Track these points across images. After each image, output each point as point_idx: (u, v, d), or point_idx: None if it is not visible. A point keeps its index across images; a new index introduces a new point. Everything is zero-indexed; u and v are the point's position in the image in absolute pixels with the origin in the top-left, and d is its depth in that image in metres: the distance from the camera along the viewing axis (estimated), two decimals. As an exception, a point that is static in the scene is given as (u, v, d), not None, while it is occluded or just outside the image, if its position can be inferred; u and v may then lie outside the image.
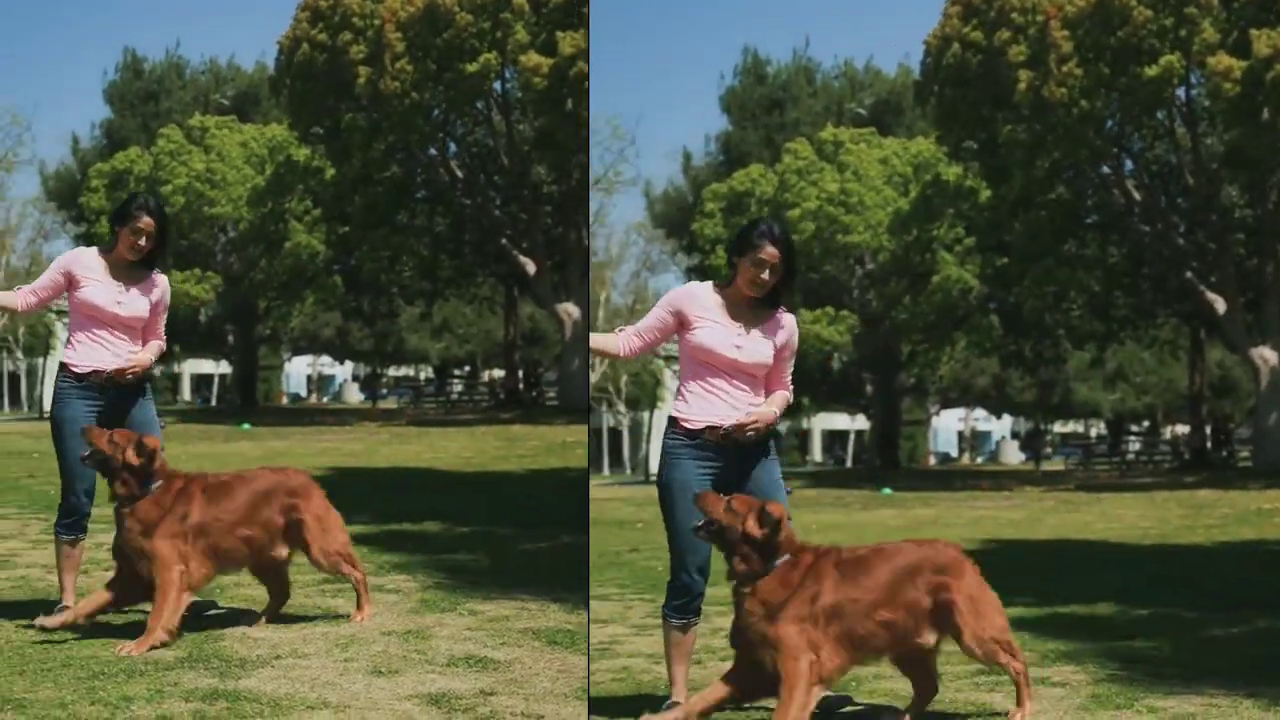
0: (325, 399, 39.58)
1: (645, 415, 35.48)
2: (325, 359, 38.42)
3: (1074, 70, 26.14)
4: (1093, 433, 44.03)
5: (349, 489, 15.06)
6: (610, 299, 34.53)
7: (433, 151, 29.61)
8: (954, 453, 45.40)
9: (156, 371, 6.99)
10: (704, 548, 6.04)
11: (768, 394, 6.23)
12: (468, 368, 38.18)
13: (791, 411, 41.55)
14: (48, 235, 29.99)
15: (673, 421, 6.18)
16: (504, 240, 29.94)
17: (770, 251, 6.06)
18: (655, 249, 35.98)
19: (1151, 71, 25.80)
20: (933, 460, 40.94)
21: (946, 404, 39.76)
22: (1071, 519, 19.62)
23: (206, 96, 31.90)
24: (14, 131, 28.65)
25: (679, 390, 6.24)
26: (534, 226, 29.86)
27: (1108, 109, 27.30)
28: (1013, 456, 43.61)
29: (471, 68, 27.43)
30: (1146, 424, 41.58)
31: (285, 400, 35.57)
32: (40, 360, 29.09)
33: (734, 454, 6.09)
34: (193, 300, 28.96)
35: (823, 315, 30.67)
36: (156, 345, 7.29)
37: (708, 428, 6.07)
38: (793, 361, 6.29)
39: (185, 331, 29.43)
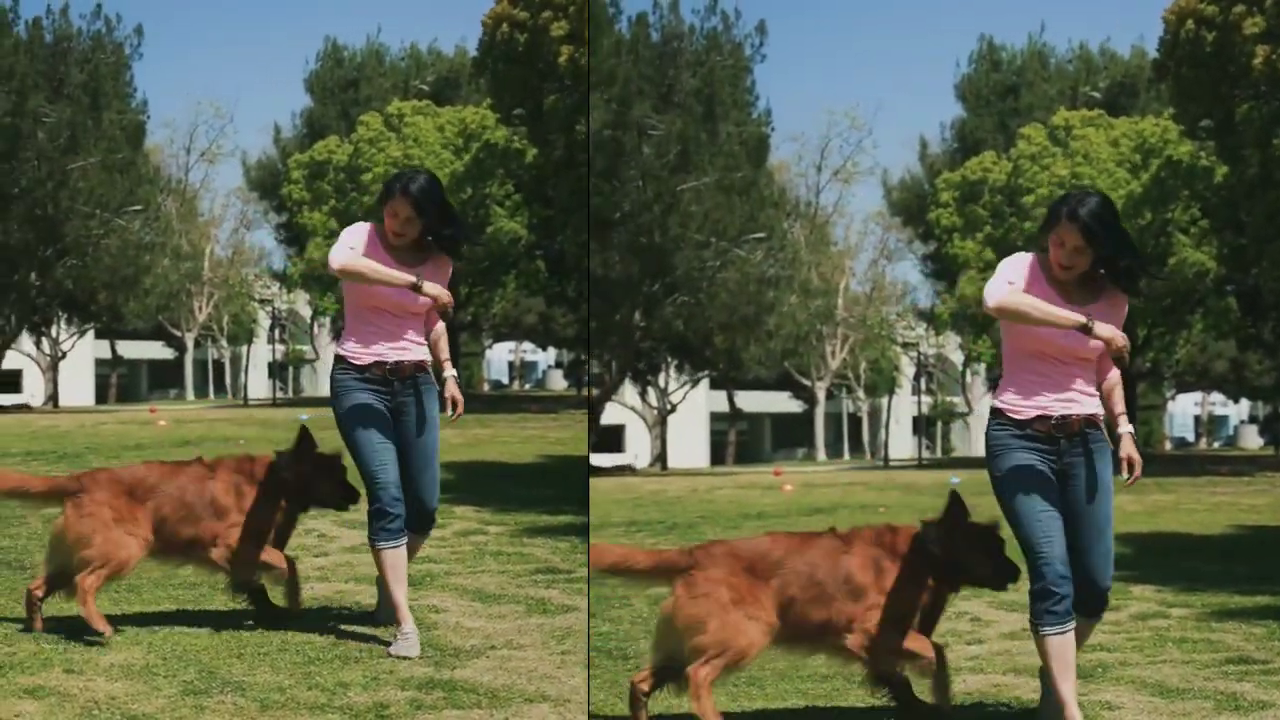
0: (527, 386, 39.95)
1: (884, 401, 35.70)
2: (527, 345, 38.66)
3: (1310, 41, 25.45)
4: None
5: (557, 480, 15.02)
6: (849, 287, 34.75)
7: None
8: (1190, 437, 44.90)
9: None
10: (1060, 534, 5.58)
11: (1101, 379, 5.77)
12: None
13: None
14: (250, 225, 30.55)
15: (996, 412, 5.76)
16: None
17: (1067, 231, 5.57)
18: (892, 237, 36.04)
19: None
20: (1169, 445, 40.63)
21: (1182, 388, 39.32)
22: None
23: (407, 82, 32.27)
24: (217, 124, 29.17)
25: (1003, 376, 5.85)
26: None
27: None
28: (1251, 441, 42.78)
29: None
30: (1388, 404, 40.30)
31: (486, 387, 35.95)
32: (244, 348, 29.65)
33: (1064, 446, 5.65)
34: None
35: (1056, 299, 30.42)
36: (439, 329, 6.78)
37: (1037, 418, 5.64)
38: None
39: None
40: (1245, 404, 45.51)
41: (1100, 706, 6.20)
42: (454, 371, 6.69)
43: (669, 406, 29.73)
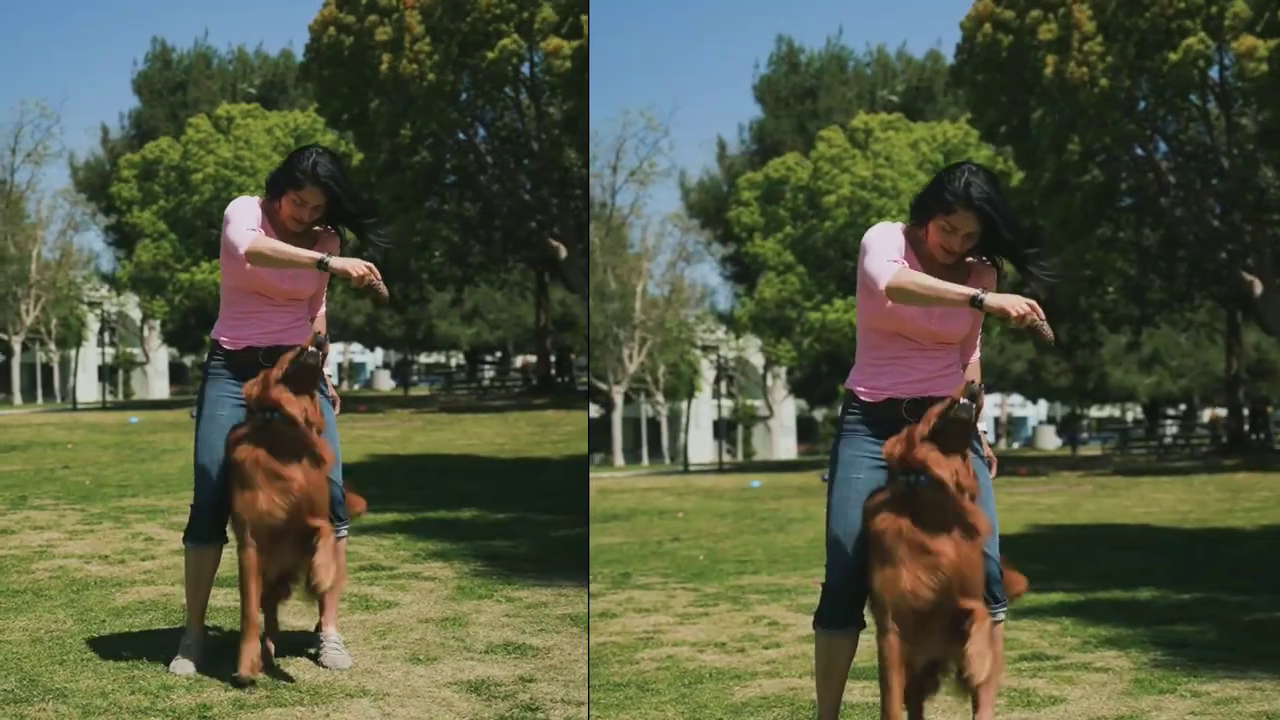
0: (356, 386, 39.69)
1: (683, 405, 35.61)
2: (356, 346, 38.51)
3: (1095, 49, 25.96)
4: (1129, 417, 43.97)
5: (383, 477, 15.11)
6: (647, 289, 34.62)
7: (461, 136, 29.60)
8: (990, 438, 45.58)
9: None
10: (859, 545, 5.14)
11: (964, 363, 5.33)
12: (499, 353, 38.21)
13: (827, 398, 41.11)
14: (78, 227, 30.08)
15: (849, 395, 5.31)
16: (534, 224, 29.91)
17: (962, 218, 5.06)
18: (691, 239, 36.07)
19: (1174, 56, 25.60)
20: (969, 446, 41.17)
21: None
22: (1110, 504, 19.54)
23: (234, 85, 31.98)
24: (44, 124, 28.78)
25: (858, 359, 5.33)
26: (564, 210, 29.81)
27: (1138, 90, 27.14)
28: (1049, 442, 43.57)
29: (492, 54, 27.42)
30: (1183, 407, 41.42)
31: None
32: (73, 352, 29.16)
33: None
34: (216, 287, 29.09)
35: (855, 303, 30.73)
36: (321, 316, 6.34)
37: (888, 401, 5.21)
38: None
39: (214, 321, 29.52)
40: (1044, 405, 46.36)
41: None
42: (328, 370, 6.25)
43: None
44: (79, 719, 5.36)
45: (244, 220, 5.90)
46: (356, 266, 5.72)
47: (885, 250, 5.06)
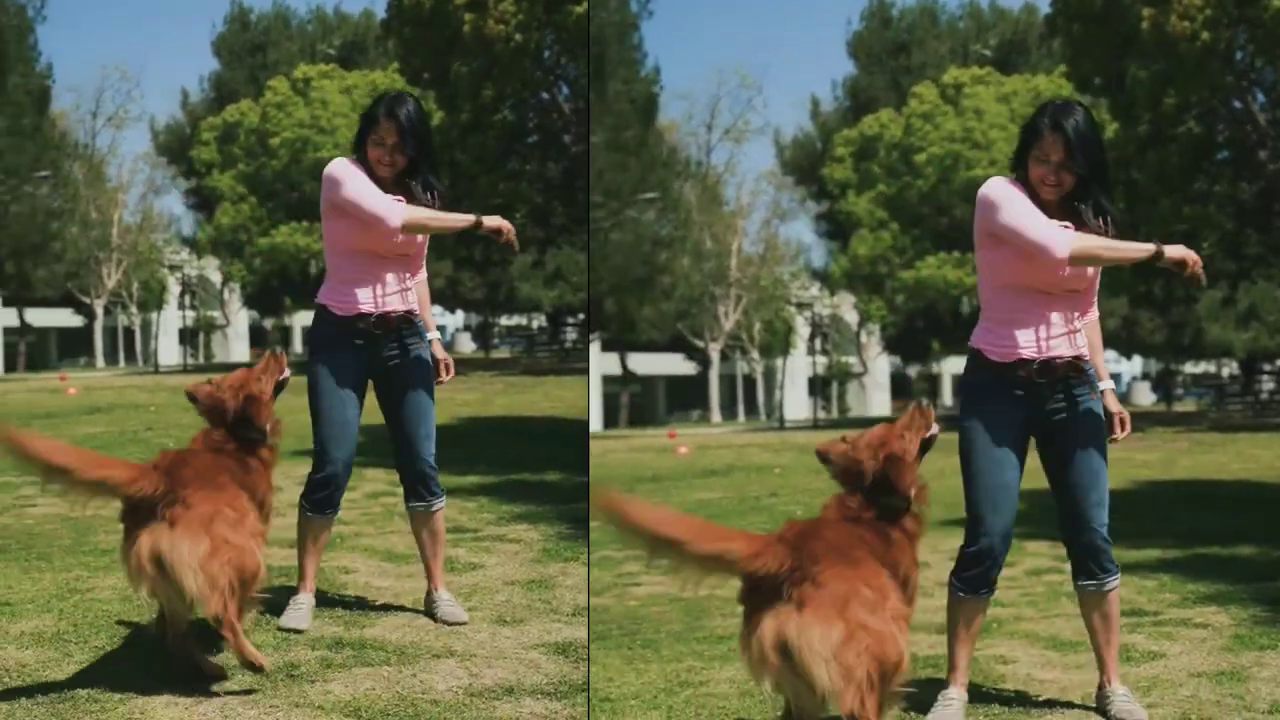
0: (441, 349, 39.88)
1: (778, 362, 35.58)
2: (436, 308, 38.65)
3: (1196, 2, 25.59)
4: (1225, 373, 43.47)
5: (466, 439, 15.09)
6: (742, 248, 34.62)
7: (545, 95, 29.54)
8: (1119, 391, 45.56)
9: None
10: (1008, 506, 5.20)
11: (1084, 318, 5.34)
12: (581, 315, 38.23)
13: (921, 354, 41.22)
14: (159, 190, 30.27)
15: (974, 355, 5.28)
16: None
17: (1052, 145, 5.10)
18: (785, 197, 35.91)
19: (1277, 3, 25.15)
20: (1063, 402, 41.17)
21: (1076, 345, 39.86)
22: (1206, 460, 19.32)
23: (313, 46, 32.04)
24: (124, 88, 28.87)
25: (984, 317, 5.29)
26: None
27: (1235, 42, 26.68)
28: (1144, 398, 43.29)
29: (579, 9, 27.31)
30: (1280, 363, 40.92)
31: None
32: (154, 315, 29.40)
33: (1047, 393, 5.22)
34: (303, 251, 29.19)
35: (949, 258, 30.51)
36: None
37: (1020, 361, 5.20)
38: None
39: (295, 283, 29.64)
40: (1138, 361, 46.13)
41: (994, 660, 6.34)
42: (437, 333, 6.30)
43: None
44: (168, 676, 5.37)
45: (366, 188, 5.86)
46: (503, 222, 5.93)
47: (1027, 211, 5.06)
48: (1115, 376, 47.67)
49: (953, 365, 44.53)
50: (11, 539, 8.06)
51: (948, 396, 45.53)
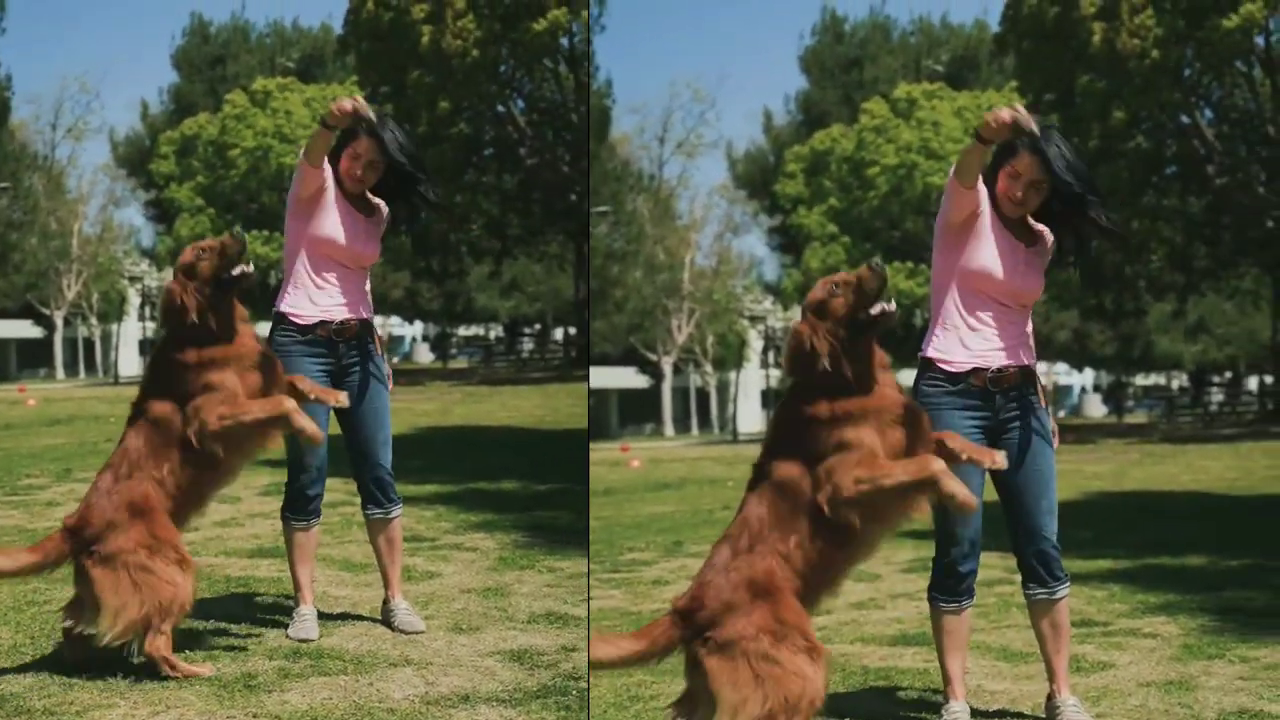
0: (395, 359, 39.85)
1: (732, 375, 35.60)
2: (394, 319, 38.50)
3: (1146, 22, 25.79)
4: (1175, 385, 43.75)
5: (424, 449, 15.10)
6: (695, 261, 34.60)
7: (500, 109, 29.55)
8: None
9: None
10: (975, 515, 5.17)
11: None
12: (538, 326, 38.21)
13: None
14: (119, 202, 30.15)
15: (927, 364, 5.33)
16: (573, 196, 29.84)
17: (1024, 162, 5.18)
18: (738, 210, 35.93)
19: (1230, 23, 25.34)
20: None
21: (1027, 358, 39.97)
22: (1157, 471, 19.44)
23: (272, 59, 31.97)
24: (83, 100, 28.75)
25: (934, 325, 5.34)
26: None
27: (1184, 59, 26.89)
28: (1095, 410, 43.45)
29: (539, 26, 27.31)
30: (1229, 375, 41.14)
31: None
32: (114, 326, 29.27)
33: (1000, 402, 5.25)
34: (262, 261, 29.14)
35: (902, 268, 30.65)
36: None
37: (973, 370, 5.25)
38: None
39: (254, 294, 29.61)
40: (1089, 373, 46.25)
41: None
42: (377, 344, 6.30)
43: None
44: (125, 688, 5.36)
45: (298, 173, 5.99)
46: (343, 101, 5.74)
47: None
48: (1066, 389, 47.98)
49: (906, 378, 44.77)
50: (-33, 550, 8.03)
51: (900, 408, 45.74)
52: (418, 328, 40.31)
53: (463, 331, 38.42)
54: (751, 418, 37.65)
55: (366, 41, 28.27)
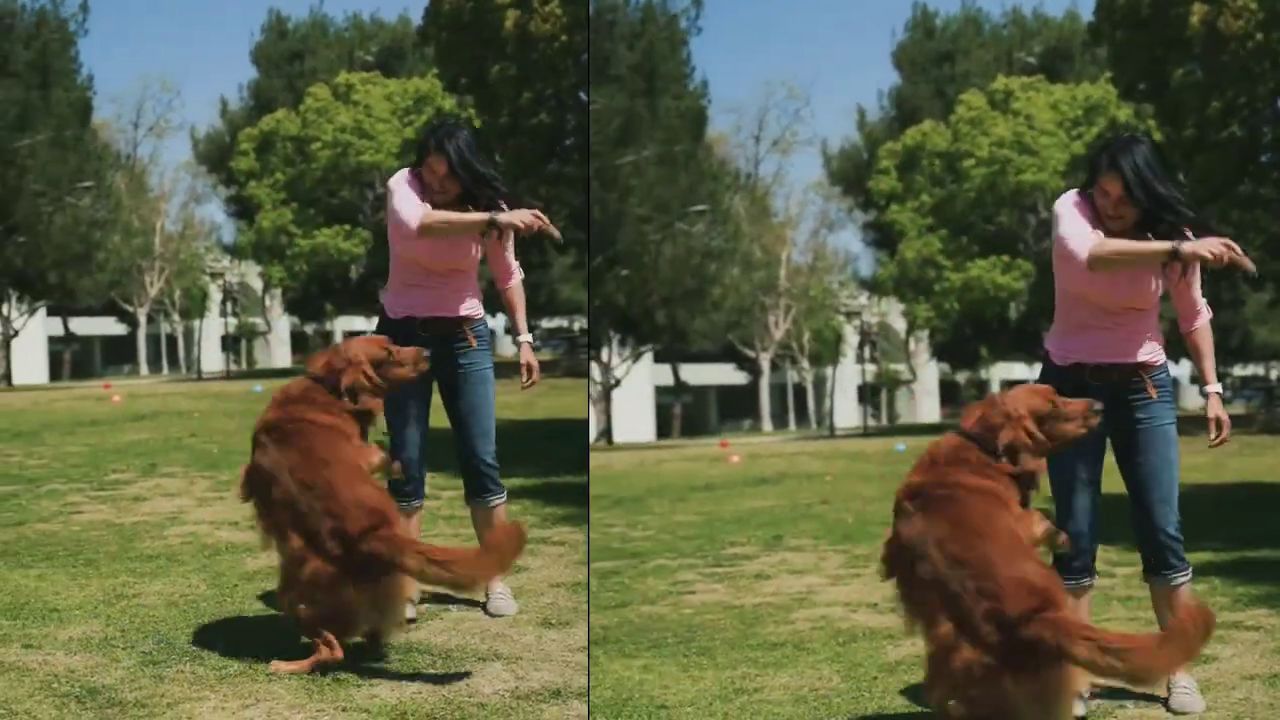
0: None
1: (828, 370, 35.67)
2: (485, 316, 38.92)
3: (1249, 4, 25.45)
4: (1273, 375, 43.32)
5: (509, 441, 15.06)
6: (791, 258, 34.71)
7: (583, 97, 29.55)
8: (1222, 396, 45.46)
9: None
10: (1084, 499, 5.46)
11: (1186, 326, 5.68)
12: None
13: (970, 361, 41.48)
14: (200, 199, 30.41)
15: (1045, 356, 5.62)
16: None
17: (1109, 180, 5.31)
18: (833, 207, 35.94)
19: (1328, 4, 25.06)
20: (1113, 404, 41.22)
21: (1125, 348, 39.81)
22: (1256, 462, 19.24)
23: (351, 53, 32.15)
24: (164, 98, 28.99)
25: (1054, 322, 5.60)
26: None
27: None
28: (1193, 401, 42.99)
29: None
30: (1329, 365, 40.68)
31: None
32: (196, 322, 29.55)
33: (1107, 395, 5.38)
34: (344, 255, 29.30)
35: (998, 262, 30.58)
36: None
37: (1075, 365, 5.48)
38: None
39: (337, 288, 29.77)
40: (1186, 364, 45.89)
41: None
42: (528, 336, 6.68)
43: (613, 381, 29.76)
44: (215, 681, 5.39)
45: (407, 194, 6.16)
46: (523, 216, 6.07)
47: (1079, 220, 5.34)
48: (1163, 380, 47.74)
49: (1001, 371, 44.50)
50: (59, 546, 8.08)
51: (997, 402, 45.53)
52: (500, 320, 40.27)
53: (546, 324, 38.55)
54: (848, 412, 37.66)
55: (447, 32, 28.33)
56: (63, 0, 24.26)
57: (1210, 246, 5.21)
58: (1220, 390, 5.79)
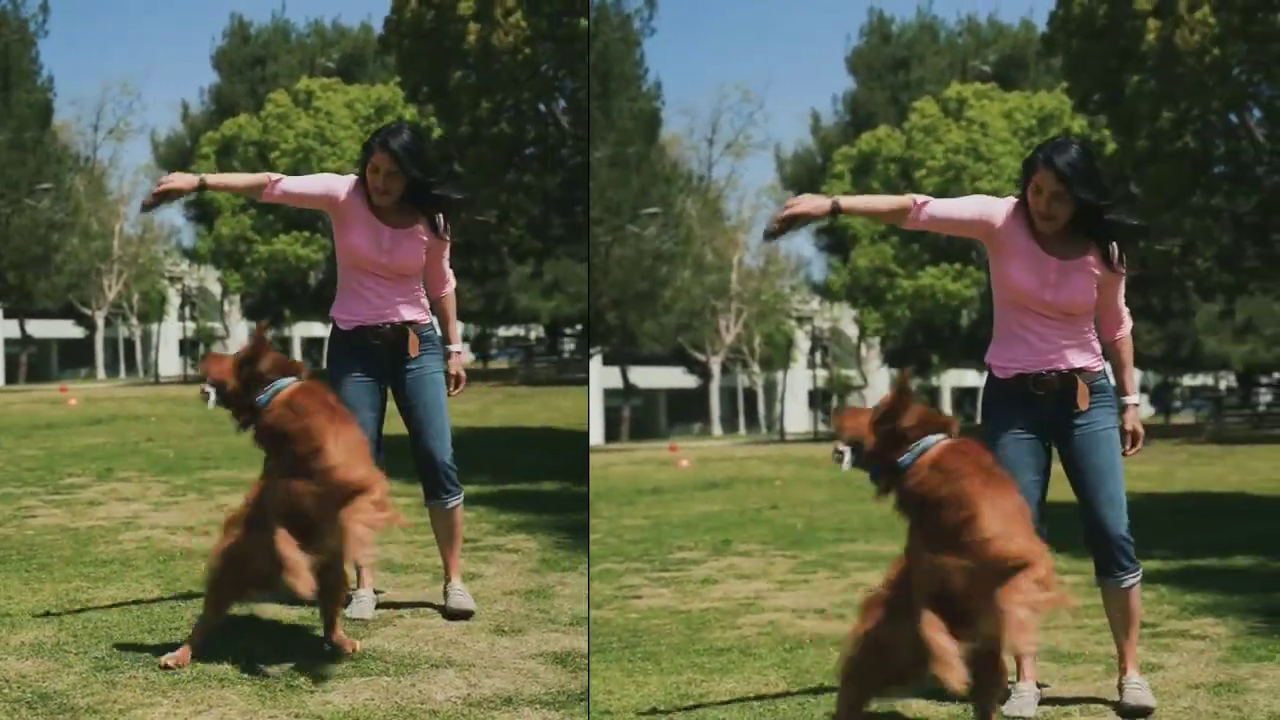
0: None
1: (779, 375, 35.69)
2: (434, 319, 38.75)
3: (1207, 18, 25.60)
4: (1222, 385, 43.58)
5: (466, 449, 15.07)
6: (743, 261, 34.71)
7: (542, 108, 29.53)
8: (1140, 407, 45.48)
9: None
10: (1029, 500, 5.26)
11: (1108, 335, 5.65)
12: (579, 326, 38.19)
13: (922, 367, 41.71)
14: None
15: (988, 369, 5.61)
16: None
17: (1044, 177, 5.36)
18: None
19: (1281, 21, 25.19)
20: (1061, 415, 41.20)
21: (1074, 359, 39.86)
22: (1204, 472, 19.32)
23: (313, 59, 32.07)
24: (125, 101, 28.88)
25: (993, 333, 5.62)
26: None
27: (1236, 56, 26.68)
28: (1143, 410, 43.42)
29: (583, 22, 27.33)
30: (1278, 376, 40.89)
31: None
32: (155, 326, 29.42)
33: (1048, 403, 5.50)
34: (303, 262, 29.22)
35: (949, 270, 30.60)
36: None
37: (1018, 376, 5.51)
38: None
39: (296, 294, 29.69)
40: (1136, 373, 46.25)
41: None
42: (459, 346, 6.70)
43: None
44: (167, 687, 5.38)
45: (323, 178, 6.43)
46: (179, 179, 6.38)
47: (961, 201, 5.50)
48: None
49: (953, 378, 44.62)
50: (12, 550, 8.07)
51: (947, 410, 45.57)
52: (458, 328, 40.19)
53: (503, 332, 38.52)
54: (798, 417, 37.68)
55: (408, 40, 28.29)
56: (23, 1, 24.09)
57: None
58: (1138, 402, 5.79)
